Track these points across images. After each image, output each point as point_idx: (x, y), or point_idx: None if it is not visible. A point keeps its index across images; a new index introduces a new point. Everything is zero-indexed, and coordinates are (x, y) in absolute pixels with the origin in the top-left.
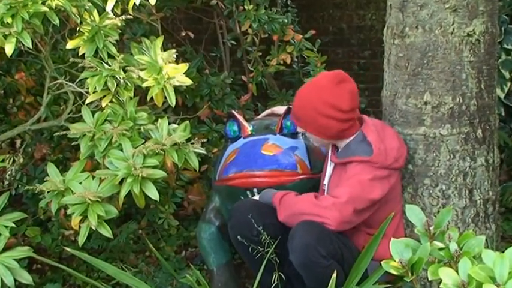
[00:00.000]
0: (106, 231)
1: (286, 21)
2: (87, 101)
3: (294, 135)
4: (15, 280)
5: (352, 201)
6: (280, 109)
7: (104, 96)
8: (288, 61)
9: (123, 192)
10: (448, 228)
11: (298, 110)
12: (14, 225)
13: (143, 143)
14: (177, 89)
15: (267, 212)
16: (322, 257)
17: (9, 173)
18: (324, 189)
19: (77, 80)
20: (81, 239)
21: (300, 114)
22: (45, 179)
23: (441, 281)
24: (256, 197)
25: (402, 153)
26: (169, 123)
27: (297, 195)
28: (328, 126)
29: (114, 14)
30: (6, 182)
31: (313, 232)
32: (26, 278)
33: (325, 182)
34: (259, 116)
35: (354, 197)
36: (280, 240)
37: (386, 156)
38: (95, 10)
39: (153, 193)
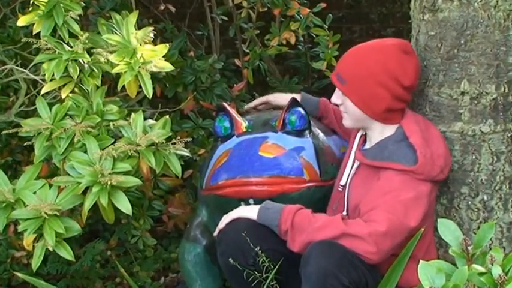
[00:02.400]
0: (66, 253)
1: None
2: (43, 91)
3: (299, 132)
4: None
5: (392, 233)
6: (278, 97)
7: (64, 85)
8: (293, 41)
9: (88, 204)
10: (490, 249)
11: (351, 69)
12: None
13: (113, 143)
14: (154, 76)
15: (266, 234)
16: (343, 287)
17: None
18: (340, 192)
19: (31, 65)
20: (35, 262)
21: (350, 75)
22: None
23: None
24: (252, 210)
25: (448, 161)
26: (144, 119)
27: (314, 215)
28: (380, 99)
29: None
30: None
31: (332, 255)
32: None
33: (343, 182)
34: (247, 107)
35: (396, 226)
36: (282, 264)
37: (433, 165)
38: None
39: (125, 205)
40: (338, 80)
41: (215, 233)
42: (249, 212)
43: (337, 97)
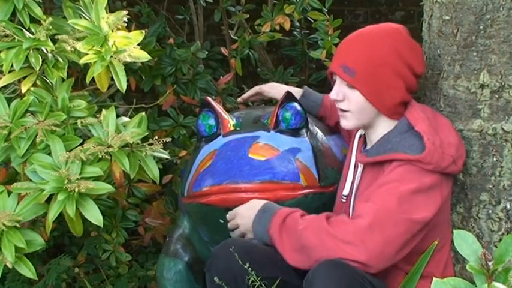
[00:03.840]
0: (27, 270)
1: None
2: (0, 84)
3: (295, 131)
4: None
5: (378, 224)
6: (274, 88)
7: (25, 77)
8: (287, 27)
9: (53, 215)
10: None
11: (361, 58)
12: None
13: (81, 144)
14: (128, 67)
15: (265, 259)
16: None
17: None
18: (343, 203)
19: None
20: None
21: (361, 64)
22: None
23: None
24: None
25: (462, 152)
26: (117, 116)
27: (303, 216)
28: (395, 90)
29: None
30: None
31: (340, 279)
32: None
33: (346, 192)
34: (240, 99)
35: (382, 216)
36: (280, 283)
37: (443, 154)
38: None
39: (95, 215)
40: (344, 71)
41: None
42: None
43: (338, 92)
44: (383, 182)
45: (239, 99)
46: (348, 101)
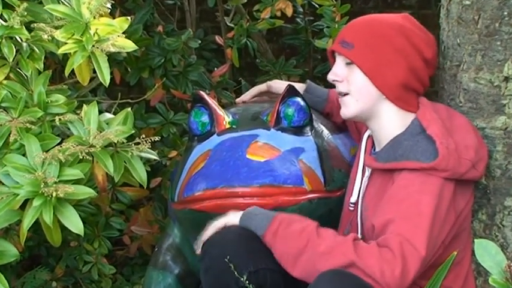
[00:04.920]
0: (0, 284)
1: None
2: None
3: (298, 129)
4: None
5: (405, 261)
6: (279, 85)
7: None
8: (289, 13)
9: (28, 222)
10: None
11: (360, 31)
12: None
13: (59, 144)
14: (112, 58)
15: (264, 249)
16: None
17: None
18: (351, 211)
19: None
20: None
21: (359, 37)
22: None
23: None
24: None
25: (482, 155)
26: (100, 112)
27: (318, 229)
28: (395, 66)
29: None
30: None
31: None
32: None
33: (353, 199)
34: (240, 99)
35: (412, 256)
36: (279, 275)
37: (460, 159)
38: None
39: (75, 223)
40: (342, 46)
41: (198, 245)
42: (235, 216)
43: (337, 71)
44: (398, 196)
45: (238, 100)
46: (347, 82)
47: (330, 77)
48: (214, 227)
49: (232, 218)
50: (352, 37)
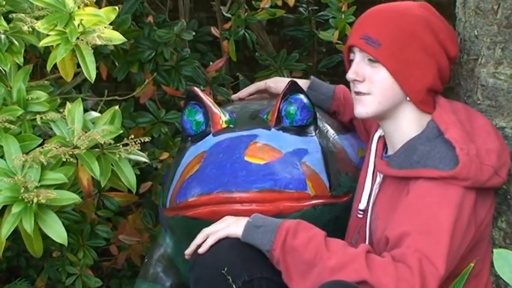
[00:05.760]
0: None
1: None
2: None
3: (301, 129)
4: None
5: (423, 277)
6: (279, 83)
7: None
8: (291, 2)
9: (6, 231)
10: None
11: (387, 27)
12: None
13: (40, 145)
14: (98, 51)
15: (259, 256)
16: None
17: None
18: (359, 219)
19: None
20: None
21: (387, 34)
22: None
23: None
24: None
25: (505, 159)
26: (85, 110)
27: (326, 240)
28: (425, 69)
29: None
30: None
31: None
32: None
33: (362, 206)
34: (236, 96)
35: (430, 273)
36: (274, 284)
37: (481, 165)
38: None
39: (57, 231)
40: (367, 43)
41: (188, 251)
42: (236, 226)
43: (358, 71)
44: (419, 208)
45: (234, 97)
46: (370, 82)
47: (351, 76)
48: (214, 235)
49: (234, 230)
50: (378, 33)
